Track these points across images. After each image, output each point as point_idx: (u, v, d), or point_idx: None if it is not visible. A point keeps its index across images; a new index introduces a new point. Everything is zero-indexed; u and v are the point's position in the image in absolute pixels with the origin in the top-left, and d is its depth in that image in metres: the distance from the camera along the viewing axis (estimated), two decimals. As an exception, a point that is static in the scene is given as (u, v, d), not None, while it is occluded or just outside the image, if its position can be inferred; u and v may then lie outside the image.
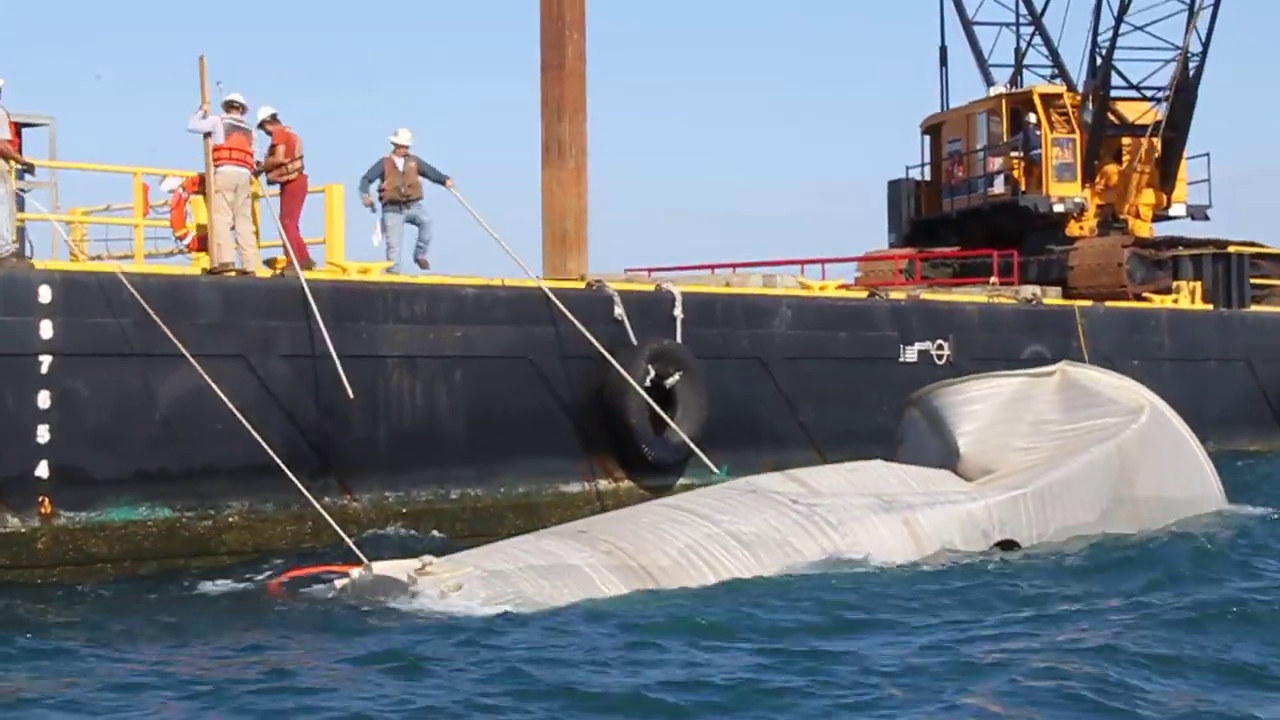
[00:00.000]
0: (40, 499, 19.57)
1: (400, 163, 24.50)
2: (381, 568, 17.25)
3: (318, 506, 19.91)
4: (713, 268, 36.10)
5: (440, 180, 24.85)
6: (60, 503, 19.73)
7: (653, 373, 24.21)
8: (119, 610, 17.47)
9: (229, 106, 22.18)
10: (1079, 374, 21.67)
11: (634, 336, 24.32)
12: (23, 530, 19.42)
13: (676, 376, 24.43)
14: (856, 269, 38.30)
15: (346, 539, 18.95)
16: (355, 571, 17.45)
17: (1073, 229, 37.14)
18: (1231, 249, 35.31)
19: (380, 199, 24.53)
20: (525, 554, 17.95)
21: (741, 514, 18.85)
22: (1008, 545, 19.50)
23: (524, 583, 17.08)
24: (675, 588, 17.32)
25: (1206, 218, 38.80)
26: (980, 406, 20.76)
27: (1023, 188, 37.56)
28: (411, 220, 24.78)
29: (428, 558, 17.34)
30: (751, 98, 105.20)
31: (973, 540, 19.16)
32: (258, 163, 22.68)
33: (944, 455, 20.60)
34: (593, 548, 18.04)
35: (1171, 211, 38.34)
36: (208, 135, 21.79)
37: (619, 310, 24.39)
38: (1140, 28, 36.59)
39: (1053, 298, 32.20)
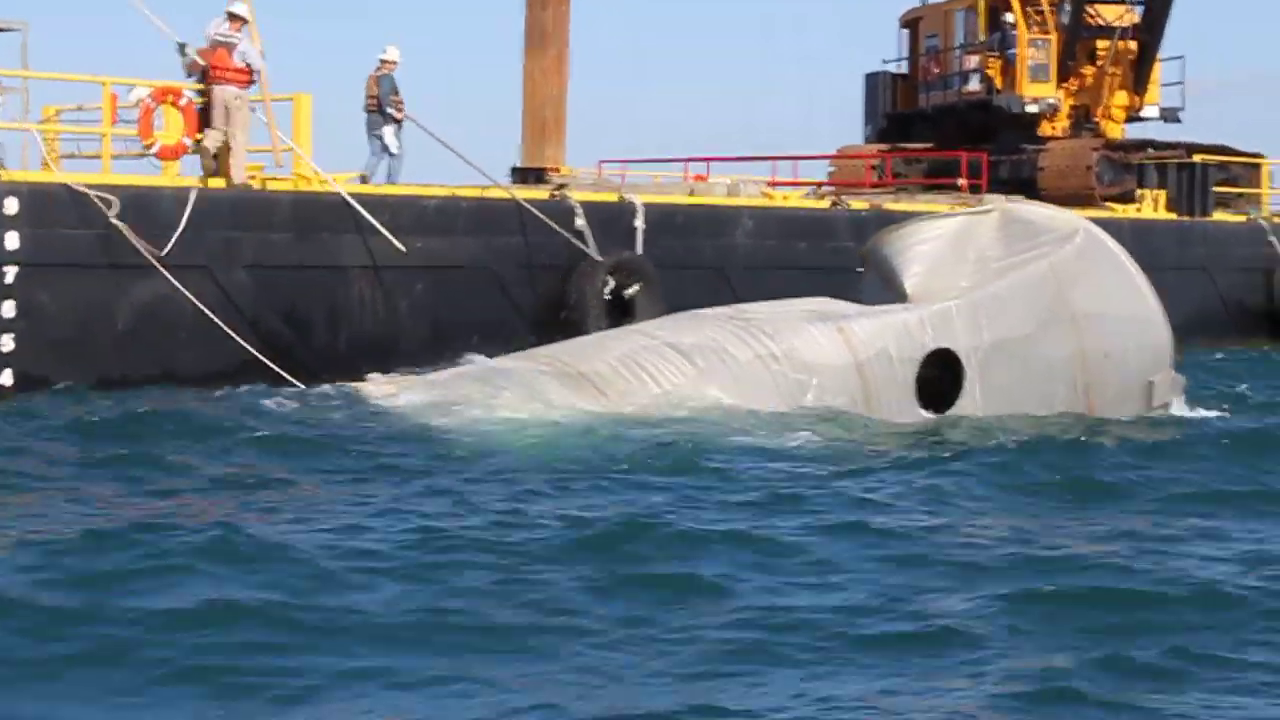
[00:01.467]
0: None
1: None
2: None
3: (297, 384, 20.43)
4: (686, 161, 36.46)
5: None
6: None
7: (613, 283, 24.65)
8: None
9: (230, 17, 22.70)
10: (1016, 209, 21.79)
11: (595, 247, 24.71)
12: (-12, 435, 19.94)
13: (636, 287, 24.85)
14: (830, 165, 38.66)
15: (297, 384, 20.65)
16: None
17: (1045, 129, 37.35)
18: (1197, 157, 35.51)
19: (397, 112, 25.27)
20: (466, 368, 19.36)
21: (681, 330, 19.52)
22: (944, 355, 19.74)
23: (462, 386, 17.97)
24: (609, 391, 18.42)
25: (1179, 120, 38.92)
26: (925, 248, 20.81)
27: (998, 87, 37.74)
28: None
29: (373, 375, 19.07)
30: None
31: (907, 348, 19.45)
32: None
33: (895, 300, 20.90)
34: (534, 360, 19.10)
35: (1144, 113, 38.47)
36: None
37: (580, 221, 24.69)
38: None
39: (1017, 208, 32.41)
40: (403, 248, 22.59)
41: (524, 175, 29.31)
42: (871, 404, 19.25)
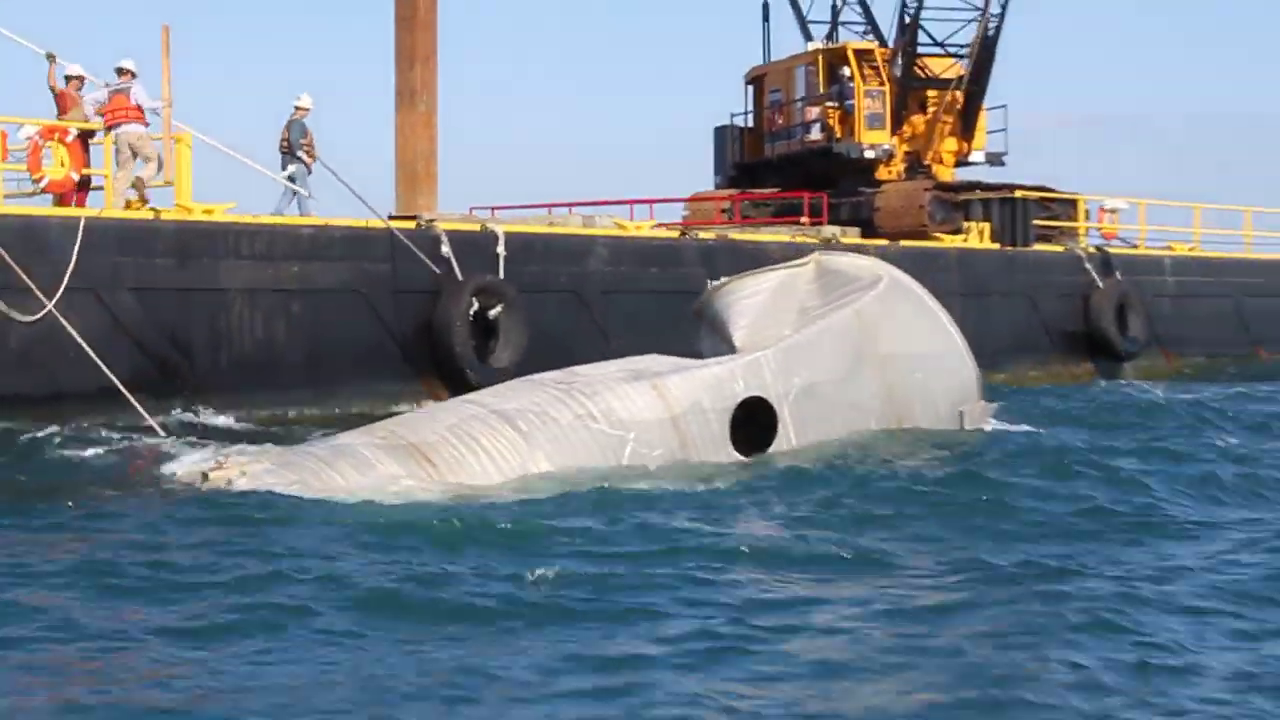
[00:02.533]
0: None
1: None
2: (183, 467, 18.51)
3: (150, 420, 20.70)
4: (549, 207, 36.76)
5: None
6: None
7: (477, 305, 24.97)
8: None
9: (119, 72, 23.50)
10: (829, 260, 22.09)
11: (460, 272, 25.02)
12: (-111, 447, 19.92)
13: (499, 308, 25.18)
14: (684, 208, 39.17)
15: (162, 432, 20.50)
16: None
17: (882, 173, 37.98)
18: (1018, 194, 36.30)
19: (307, 155, 26.03)
20: (313, 446, 18.97)
21: (508, 397, 19.40)
22: (758, 401, 19.77)
23: (304, 468, 17.84)
24: (437, 460, 18.18)
25: (1003, 163, 39.70)
26: (750, 302, 21.05)
27: (837, 135, 38.31)
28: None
29: (223, 456, 18.43)
30: (591, 47, 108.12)
31: (719, 398, 19.43)
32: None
33: (726, 352, 20.88)
34: (371, 435, 18.84)
35: (971, 158, 39.22)
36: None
37: (446, 248, 25.03)
38: (944, -9, 37.66)
39: (852, 237, 32.93)
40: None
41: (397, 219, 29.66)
42: (688, 453, 19.18)
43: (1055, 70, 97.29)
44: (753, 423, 19.86)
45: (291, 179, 25.85)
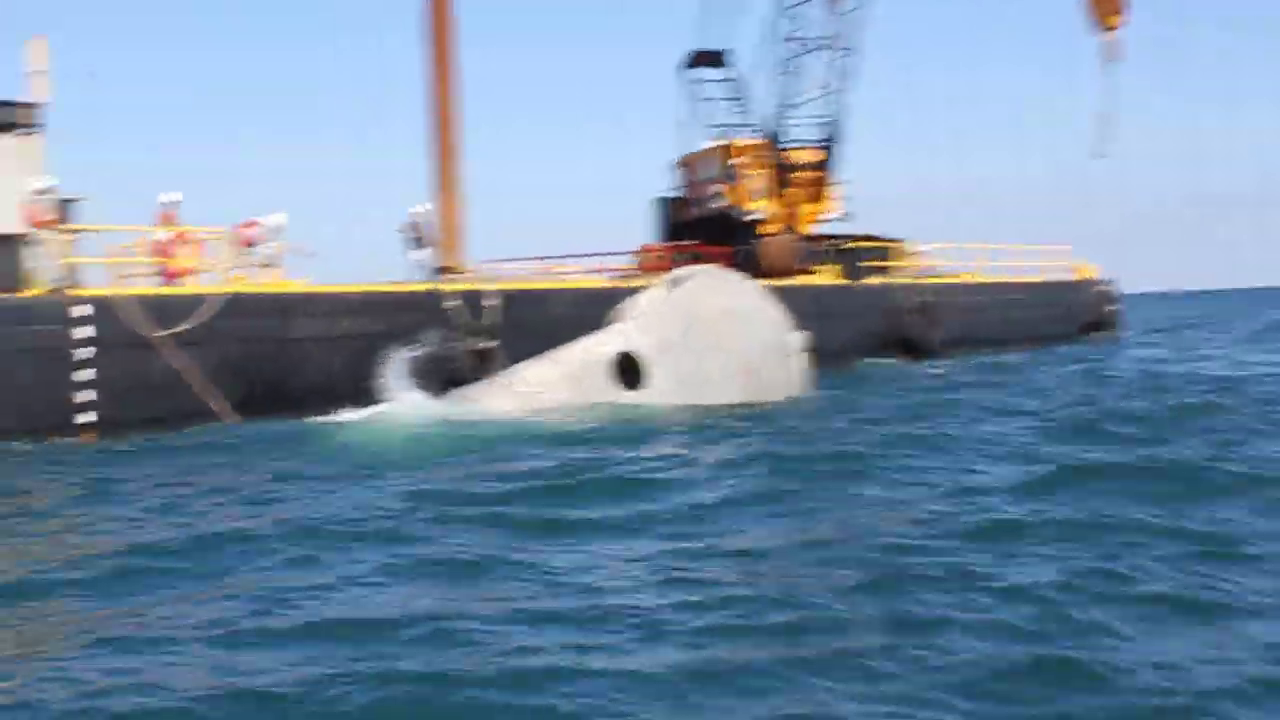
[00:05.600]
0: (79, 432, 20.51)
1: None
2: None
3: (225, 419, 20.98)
4: (541, 259, 37.27)
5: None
6: (102, 433, 20.67)
7: (473, 342, 25.37)
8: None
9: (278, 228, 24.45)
10: (674, 274, 23.30)
11: (460, 320, 25.49)
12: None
13: (488, 343, 25.64)
14: (633, 257, 39.54)
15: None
16: None
17: (764, 229, 38.48)
18: (852, 244, 36.65)
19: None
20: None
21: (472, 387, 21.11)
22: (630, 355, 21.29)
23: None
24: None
25: (848, 221, 40.19)
26: (630, 309, 22.29)
27: (733, 204, 38.91)
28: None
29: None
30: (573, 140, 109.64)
31: (601, 355, 21.32)
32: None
33: None
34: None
35: (826, 217, 39.66)
36: None
37: (448, 303, 25.51)
38: (801, 104, 38.03)
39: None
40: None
41: (440, 271, 30.08)
42: (585, 391, 20.61)
43: (889, 151, 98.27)
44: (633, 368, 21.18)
45: (420, 261, 26.80)
